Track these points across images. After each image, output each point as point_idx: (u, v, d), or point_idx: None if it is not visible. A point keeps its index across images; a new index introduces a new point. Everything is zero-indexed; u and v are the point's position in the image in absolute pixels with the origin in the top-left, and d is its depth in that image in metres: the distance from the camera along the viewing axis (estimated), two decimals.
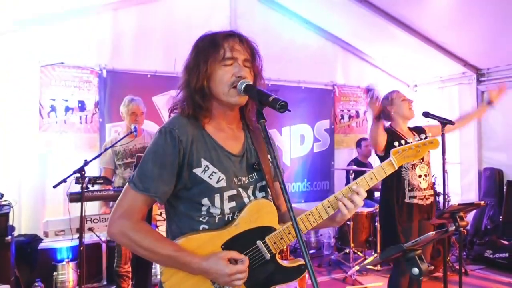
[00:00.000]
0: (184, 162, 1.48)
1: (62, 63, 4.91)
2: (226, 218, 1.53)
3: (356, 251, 5.53)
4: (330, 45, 6.79)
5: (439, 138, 3.42)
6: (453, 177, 6.25)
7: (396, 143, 1.70)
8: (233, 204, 1.53)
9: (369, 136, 3.62)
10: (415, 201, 3.44)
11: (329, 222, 1.61)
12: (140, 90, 4.93)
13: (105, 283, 4.74)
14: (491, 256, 5.54)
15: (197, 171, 1.49)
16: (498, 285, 4.90)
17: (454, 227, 2.60)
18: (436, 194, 5.53)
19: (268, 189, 1.62)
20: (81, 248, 3.56)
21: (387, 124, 3.65)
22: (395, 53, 6.70)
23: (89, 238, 4.34)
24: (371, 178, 1.61)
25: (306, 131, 6.59)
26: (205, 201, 1.50)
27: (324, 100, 6.72)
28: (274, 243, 1.53)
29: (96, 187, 3.80)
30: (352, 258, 5.32)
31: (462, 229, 2.72)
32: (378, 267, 5.45)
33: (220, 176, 1.51)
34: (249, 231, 1.52)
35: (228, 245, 1.49)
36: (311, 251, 6.15)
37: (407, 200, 3.44)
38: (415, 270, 1.66)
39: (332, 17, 6.35)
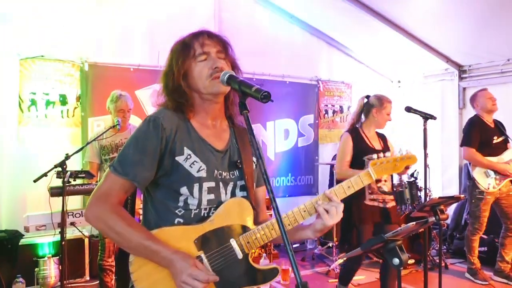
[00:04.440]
0: (166, 150, 1.49)
1: (42, 56, 4.82)
2: (202, 214, 1.53)
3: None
4: (315, 40, 6.80)
5: (421, 135, 3.50)
6: (435, 172, 6.33)
7: (375, 156, 1.70)
8: (211, 196, 1.53)
9: (342, 175, 3.45)
10: (375, 203, 3.49)
11: (311, 232, 1.58)
12: (123, 84, 4.88)
13: (87, 278, 4.71)
14: None
15: (179, 158, 1.51)
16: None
17: (434, 219, 2.65)
18: (418, 188, 5.61)
19: (248, 189, 1.62)
20: (63, 243, 3.53)
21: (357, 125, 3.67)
22: (379, 49, 6.74)
23: (71, 233, 4.28)
24: (349, 187, 1.59)
25: (291, 125, 6.60)
26: (184, 189, 1.50)
27: (308, 94, 6.74)
28: (248, 242, 1.52)
29: (78, 181, 3.76)
30: (335, 252, 5.36)
31: (442, 222, 2.76)
32: None
33: (201, 166, 1.52)
34: (224, 228, 1.52)
35: (201, 240, 1.49)
36: (294, 245, 6.17)
37: (367, 202, 3.49)
38: (396, 260, 1.68)
39: (317, 12, 6.36)
